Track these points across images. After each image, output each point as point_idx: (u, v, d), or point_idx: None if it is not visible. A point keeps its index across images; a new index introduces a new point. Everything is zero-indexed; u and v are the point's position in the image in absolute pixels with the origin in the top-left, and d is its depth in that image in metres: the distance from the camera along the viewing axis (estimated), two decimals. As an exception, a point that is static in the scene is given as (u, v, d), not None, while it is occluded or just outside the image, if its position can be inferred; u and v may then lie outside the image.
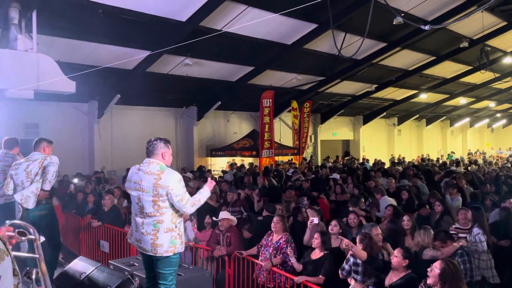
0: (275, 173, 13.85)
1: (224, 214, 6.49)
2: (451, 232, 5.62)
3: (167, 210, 3.84)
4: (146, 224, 3.85)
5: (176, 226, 3.89)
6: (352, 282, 4.65)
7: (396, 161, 20.53)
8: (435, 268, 3.54)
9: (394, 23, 9.14)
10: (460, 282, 3.45)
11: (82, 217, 8.61)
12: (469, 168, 16.08)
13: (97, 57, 10.18)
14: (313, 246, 5.30)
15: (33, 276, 2.30)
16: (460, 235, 5.86)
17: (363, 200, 8.23)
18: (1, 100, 7.27)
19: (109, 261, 5.69)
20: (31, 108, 11.38)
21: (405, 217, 5.96)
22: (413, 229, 5.73)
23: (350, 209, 7.30)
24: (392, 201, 8.21)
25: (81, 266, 4.75)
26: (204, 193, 4.08)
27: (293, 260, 5.37)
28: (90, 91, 11.36)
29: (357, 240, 4.81)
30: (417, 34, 13.48)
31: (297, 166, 16.79)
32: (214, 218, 6.61)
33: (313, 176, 12.68)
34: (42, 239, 5.43)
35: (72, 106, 12.82)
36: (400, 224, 5.96)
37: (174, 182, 3.81)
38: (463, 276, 3.56)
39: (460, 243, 5.08)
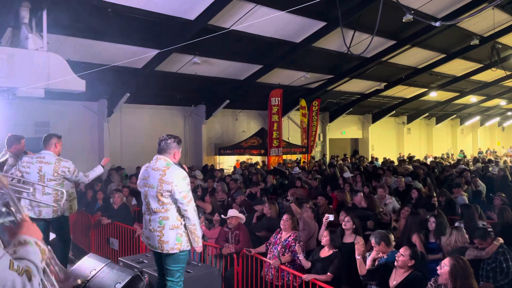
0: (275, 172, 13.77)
1: (232, 212, 6.49)
2: None
3: (171, 207, 3.88)
4: (152, 221, 3.92)
5: (181, 224, 3.93)
6: None
7: (405, 159, 20.36)
8: (445, 266, 3.52)
9: (403, 20, 9.08)
10: (470, 278, 3.44)
11: (91, 215, 8.68)
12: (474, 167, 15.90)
13: (107, 56, 10.25)
14: (322, 243, 5.30)
15: None
16: None
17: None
18: (12, 99, 7.32)
19: (119, 258, 5.72)
20: (42, 106, 11.49)
21: (432, 218, 5.92)
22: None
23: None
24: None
25: (91, 263, 4.79)
26: (199, 231, 4.06)
27: (301, 257, 5.37)
28: (99, 89, 11.43)
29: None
30: (427, 31, 13.38)
31: (303, 165, 16.75)
32: (223, 216, 6.62)
33: (320, 176, 12.63)
34: (53, 236, 5.47)
35: (82, 104, 12.93)
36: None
37: (179, 178, 3.85)
38: (472, 271, 3.53)
39: (501, 240, 4.98)
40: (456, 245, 5.01)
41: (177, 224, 3.90)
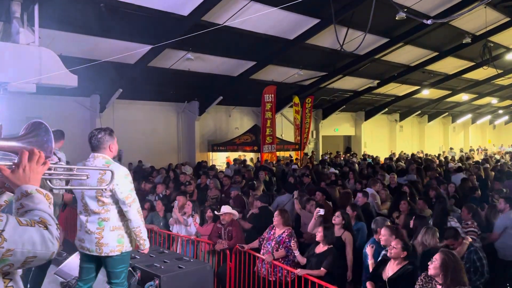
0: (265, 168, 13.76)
1: (226, 209, 6.48)
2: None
3: (112, 207, 3.69)
4: (90, 222, 3.70)
5: (123, 225, 3.75)
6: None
7: (395, 158, 20.51)
8: (436, 260, 3.57)
9: (396, 18, 9.15)
10: (461, 272, 3.48)
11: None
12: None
13: (99, 51, 10.18)
14: (316, 239, 5.33)
15: None
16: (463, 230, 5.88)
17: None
18: (3, 94, 7.25)
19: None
20: (34, 102, 11.39)
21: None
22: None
23: (359, 201, 7.35)
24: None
25: (82, 258, 4.76)
26: (144, 233, 3.82)
27: (297, 253, 5.40)
28: (92, 85, 11.37)
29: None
30: (419, 29, 13.45)
31: (296, 162, 16.80)
32: (216, 212, 6.60)
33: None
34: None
35: (74, 100, 12.84)
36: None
37: (120, 177, 3.64)
38: (463, 266, 3.57)
39: (470, 239, 4.97)
40: (425, 246, 4.83)
41: (119, 225, 3.71)
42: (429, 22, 5.99)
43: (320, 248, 5.26)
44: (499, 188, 8.88)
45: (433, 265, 3.57)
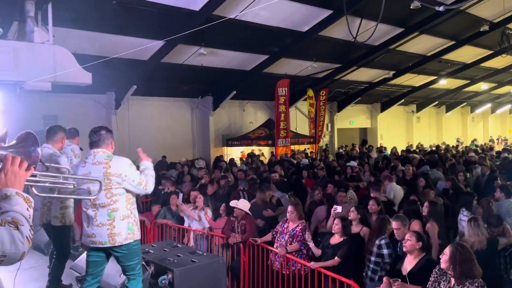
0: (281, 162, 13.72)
1: (242, 203, 6.45)
2: None
3: (121, 197, 3.81)
4: (99, 216, 3.78)
5: (131, 212, 3.88)
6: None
7: (414, 149, 20.23)
8: (445, 254, 3.59)
9: (411, 7, 8.99)
10: (471, 263, 3.50)
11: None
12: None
13: (113, 48, 10.24)
14: (333, 231, 5.32)
15: None
16: None
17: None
18: (20, 92, 7.38)
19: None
20: (50, 100, 11.56)
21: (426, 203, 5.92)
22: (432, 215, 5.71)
23: (372, 195, 7.22)
24: (399, 189, 8.09)
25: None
26: (150, 167, 4.13)
27: (311, 245, 5.39)
28: (107, 82, 11.48)
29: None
30: (435, 18, 13.17)
31: (311, 156, 16.72)
32: (230, 204, 6.55)
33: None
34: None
35: (90, 97, 12.99)
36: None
37: (126, 168, 3.82)
38: (474, 257, 3.55)
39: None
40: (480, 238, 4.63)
41: (127, 213, 3.84)
42: (441, 8, 5.86)
43: (336, 239, 5.25)
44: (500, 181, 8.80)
45: (443, 259, 3.59)
